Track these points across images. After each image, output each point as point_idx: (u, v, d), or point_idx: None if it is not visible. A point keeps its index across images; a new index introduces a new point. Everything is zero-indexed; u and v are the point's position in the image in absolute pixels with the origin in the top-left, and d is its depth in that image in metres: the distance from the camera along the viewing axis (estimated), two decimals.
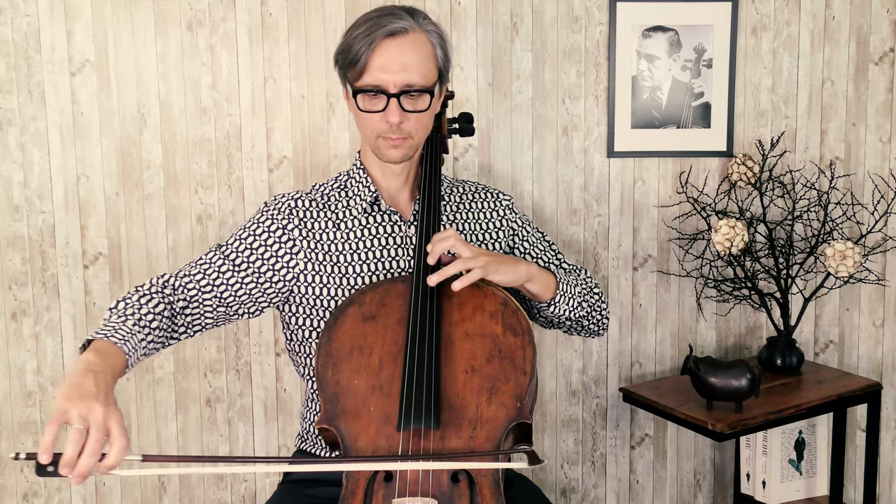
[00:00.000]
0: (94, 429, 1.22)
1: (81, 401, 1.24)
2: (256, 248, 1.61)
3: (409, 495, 1.38)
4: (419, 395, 1.42)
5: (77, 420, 1.22)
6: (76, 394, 1.26)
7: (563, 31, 2.28)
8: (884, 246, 2.39)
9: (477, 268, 1.50)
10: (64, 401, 1.24)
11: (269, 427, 2.30)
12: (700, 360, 2.05)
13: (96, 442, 1.22)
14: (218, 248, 1.63)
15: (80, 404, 1.24)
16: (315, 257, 1.62)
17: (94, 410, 1.24)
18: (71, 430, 1.22)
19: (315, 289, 1.62)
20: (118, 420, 1.25)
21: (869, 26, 2.34)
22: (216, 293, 1.59)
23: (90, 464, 1.21)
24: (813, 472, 2.38)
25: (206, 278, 1.59)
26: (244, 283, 1.60)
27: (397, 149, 1.59)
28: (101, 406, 1.25)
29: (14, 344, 2.19)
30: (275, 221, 1.63)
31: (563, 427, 2.42)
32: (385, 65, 1.52)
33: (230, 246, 1.62)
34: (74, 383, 1.28)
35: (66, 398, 1.25)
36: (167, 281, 1.57)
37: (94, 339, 1.41)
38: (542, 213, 2.33)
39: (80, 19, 2.13)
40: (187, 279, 1.58)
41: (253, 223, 1.64)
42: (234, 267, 1.60)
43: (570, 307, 1.68)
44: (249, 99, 2.20)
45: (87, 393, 1.26)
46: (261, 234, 1.62)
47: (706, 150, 2.35)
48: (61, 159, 2.16)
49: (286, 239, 1.62)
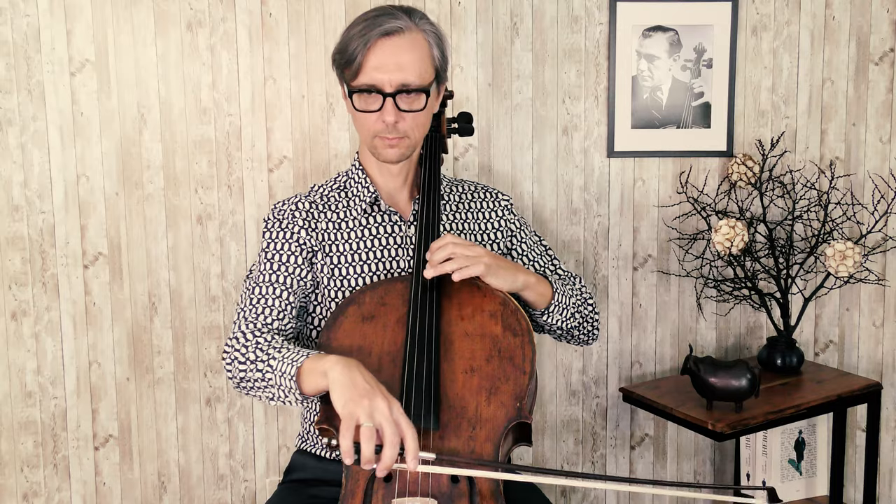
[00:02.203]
0: (385, 424, 1.27)
1: (363, 399, 1.29)
2: (285, 269, 1.62)
3: (409, 495, 1.38)
4: (419, 395, 1.42)
5: (365, 419, 1.27)
6: (354, 394, 1.30)
7: (563, 31, 2.28)
8: (884, 246, 2.39)
9: (476, 265, 1.50)
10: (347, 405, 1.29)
11: (269, 427, 2.30)
12: (700, 360, 2.05)
13: (393, 434, 1.27)
14: (256, 282, 1.62)
15: (363, 403, 1.28)
16: (318, 256, 1.63)
17: (378, 406, 1.28)
18: (363, 430, 1.26)
19: (317, 288, 1.62)
20: (399, 409, 1.31)
21: (869, 26, 2.34)
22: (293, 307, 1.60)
23: (393, 455, 1.27)
24: (813, 472, 2.38)
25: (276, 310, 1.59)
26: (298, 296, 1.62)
27: (394, 148, 1.59)
28: (382, 399, 1.30)
29: (14, 344, 2.19)
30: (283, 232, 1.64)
31: (563, 427, 2.42)
32: (380, 64, 1.53)
33: (265, 273, 1.62)
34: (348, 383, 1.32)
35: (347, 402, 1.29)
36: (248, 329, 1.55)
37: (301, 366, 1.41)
38: (542, 212, 2.33)
39: (80, 19, 2.13)
40: (263, 317, 1.57)
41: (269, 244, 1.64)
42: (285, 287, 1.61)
43: (564, 317, 1.68)
44: (249, 99, 2.20)
45: (363, 390, 1.30)
46: (282, 256, 1.62)
47: (706, 150, 2.35)
48: (61, 159, 2.16)
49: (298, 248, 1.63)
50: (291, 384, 1.40)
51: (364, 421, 1.26)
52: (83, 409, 2.23)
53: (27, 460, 2.22)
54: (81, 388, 2.22)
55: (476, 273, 1.50)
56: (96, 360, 2.22)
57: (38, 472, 2.23)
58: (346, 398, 1.29)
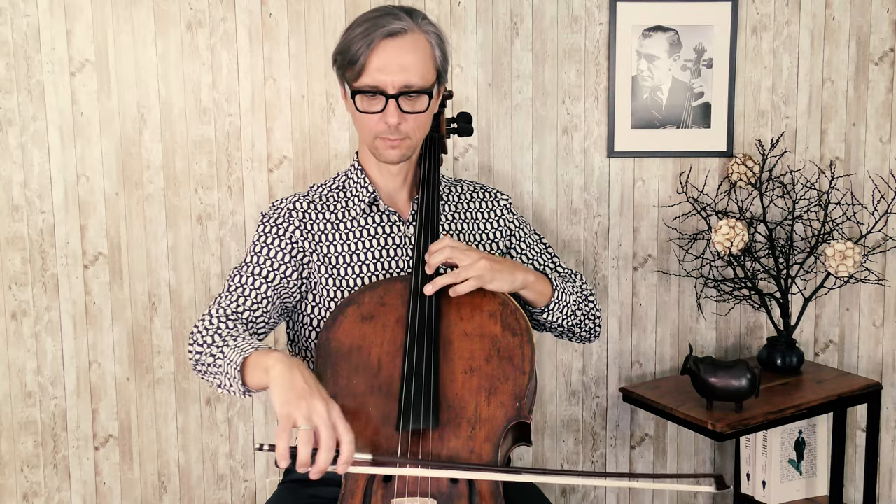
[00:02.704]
0: (322, 427, 1.26)
1: (301, 400, 1.27)
2: (269, 264, 1.61)
3: (409, 495, 1.38)
4: (418, 395, 1.42)
5: (303, 422, 1.25)
6: (293, 395, 1.28)
7: (563, 31, 2.28)
8: (884, 246, 2.39)
9: (473, 277, 1.51)
10: (285, 406, 1.27)
11: (269, 427, 2.30)
12: (700, 360, 2.05)
13: (329, 439, 1.25)
14: (239, 271, 1.62)
15: (301, 405, 1.27)
16: (314, 258, 1.62)
17: (316, 409, 1.27)
18: (300, 433, 1.25)
19: (314, 289, 1.62)
20: (339, 413, 1.29)
21: (869, 26, 2.34)
22: (269, 301, 1.59)
23: (328, 459, 1.25)
24: (813, 472, 2.38)
25: (249, 300, 1.58)
26: (282, 297, 1.61)
27: (395, 149, 1.59)
28: (321, 402, 1.28)
29: (14, 344, 2.20)
30: (276, 228, 1.63)
31: (563, 427, 2.42)
32: (383, 66, 1.52)
33: (249, 265, 1.62)
34: (286, 384, 1.30)
35: (284, 403, 1.28)
36: (217, 314, 1.55)
37: (248, 357, 1.41)
38: (542, 212, 2.33)
39: (80, 19, 2.13)
40: (234, 304, 1.57)
41: (259, 237, 1.64)
42: (265, 280, 1.60)
43: (564, 315, 1.68)
44: (249, 99, 2.20)
45: (301, 391, 1.29)
46: (270, 251, 1.62)
47: (706, 150, 2.35)
48: (61, 159, 2.16)
49: (288, 246, 1.62)
50: (236, 374, 1.41)
51: (301, 423, 1.25)
52: (83, 409, 2.23)
53: (27, 460, 2.22)
54: (81, 388, 2.22)
55: (472, 288, 1.51)
56: (96, 360, 2.22)
57: (38, 472, 2.23)
58: (283, 398, 1.28)
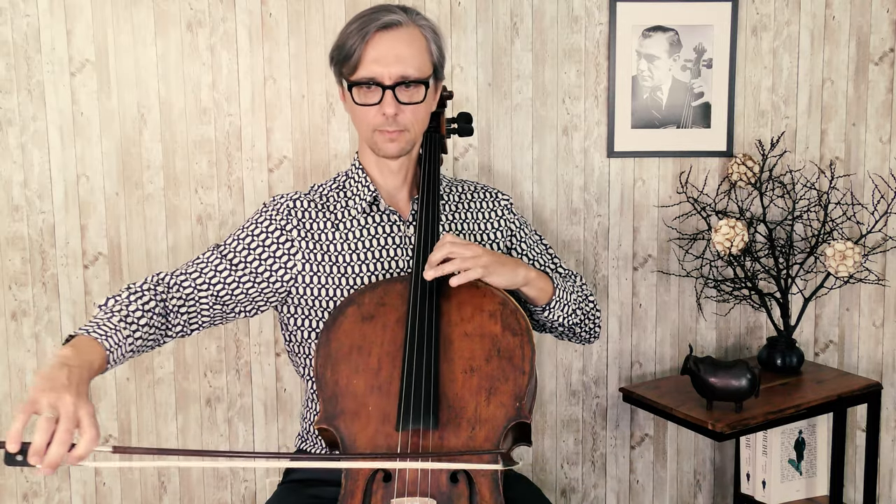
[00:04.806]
0: (63, 418, 1.22)
1: (52, 391, 1.24)
2: (254, 249, 1.61)
3: (408, 495, 1.38)
4: (418, 395, 1.42)
5: (47, 409, 1.22)
6: (48, 385, 1.25)
7: (563, 31, 2.28)
8: (884, 246, 2.39)
9: (475, 267, 1.50)
10: (35, 391, 1.24)
11: (269, 427, 2.30)
12: (700, 360, 2.05)
13: (65, 431, 1.21)
14: (216, 248, 1.62)
15: (50, 394, 1.23)
16: (314, 258, 1.62)
17: (64, 400, 1.23)
18: (40, 419, 1.21)
19: (314, 289, 1.62)
20: (88, 411, 1.25)
21: (869, 26, 2.34)
22: (213, 292, 1.58)
23: (59, 453, 1.21)
24: (813, 472, 2.38)
25: (203, 277, 1.58)
26: (242, 283, 1.60)
27: (394, 142, 1.59)
28: (72, 396, 1.24)
29: (14, 344, 2.20)
30: (273, 222, 1.63)
31: (563, 427, 2.42)
32: (379, 57, 1.53)
33: (228, 246, 1.62)
34: (47, 376, 1.27)
35: (37, 389, 1.25)
36: (161, 279, 1.56)
37: (76, 335, 1.40)
38: (542, 212, 2.33)
39: (80, 19, 2.13)
40: (183, 277, 1.58)
41: (251, 223, 1.64)
42: (231, 267, 1.60)
43: (565, 314, 1.68)
44: (249, 99, 2.20)
45: (58, 384, 1.25)
46: (259, 235, 1.62)
47: (706, 150, 2.35)
48: (61, 159, 2.16)
49: (284, 240, 1.62)
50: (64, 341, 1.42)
51: (45, 411, 1.22)
52: None
53: None
54: None
55: (474, 277, 1.50)
56: None
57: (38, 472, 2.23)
58: (38, 387, 1.25)
